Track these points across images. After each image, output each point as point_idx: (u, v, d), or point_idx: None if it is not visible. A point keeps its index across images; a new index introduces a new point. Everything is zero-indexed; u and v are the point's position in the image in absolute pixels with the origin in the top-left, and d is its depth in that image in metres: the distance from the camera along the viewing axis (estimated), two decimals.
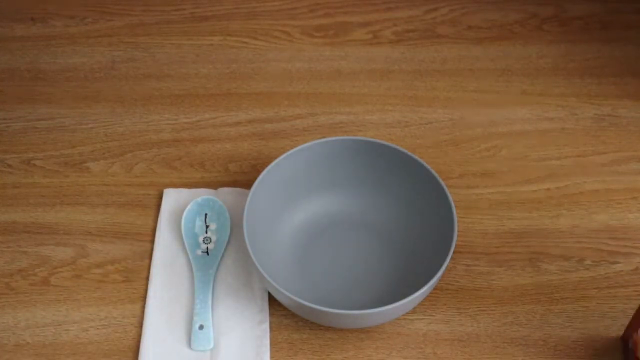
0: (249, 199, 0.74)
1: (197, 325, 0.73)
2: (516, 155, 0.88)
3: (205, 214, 0.81)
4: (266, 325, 0.74)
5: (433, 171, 0.75)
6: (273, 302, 0.76)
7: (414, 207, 0.78)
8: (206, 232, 0.80)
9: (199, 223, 0.80)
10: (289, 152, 0.77)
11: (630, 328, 0.70)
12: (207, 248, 0.79)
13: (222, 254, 0.79)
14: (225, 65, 0.97)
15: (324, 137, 0.89)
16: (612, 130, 0.90)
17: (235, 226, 0.81)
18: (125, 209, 0.83)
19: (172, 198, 0.83)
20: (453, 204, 0.72)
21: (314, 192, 0.81)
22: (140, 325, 0.75)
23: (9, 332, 0.74)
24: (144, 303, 0.76)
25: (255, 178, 0.75)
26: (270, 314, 0.75)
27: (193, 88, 0.95)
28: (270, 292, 0.72)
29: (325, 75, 0.96)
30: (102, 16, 1.03)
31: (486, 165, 0.87)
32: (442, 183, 0.74)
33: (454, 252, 0.72)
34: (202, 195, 0.83)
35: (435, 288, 0.76)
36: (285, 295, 0.68)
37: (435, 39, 1.00)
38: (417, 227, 0.78)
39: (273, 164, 0.76)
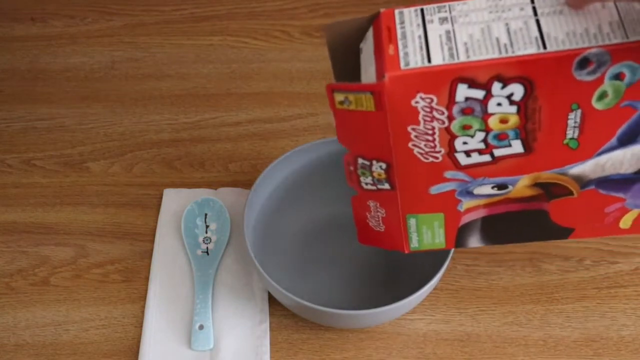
0: (248, 199, 0.74)
1: (197, 325, 0.73)
2: None
3: (205, 214, 0.81)
4: (266, 325, 0.74)
5: None
6: (273, 302, 0.76)
7: None
8: (206, 232, 0.80)
9: (199, 223, 0.80)
10: (289, 152, 0.77)
11: None
12: (207, 248, 0.79)
13: (222, 254, 0.79)
14: (225, 65, 0.97)
15: (324, 137, 0.89)
16: None
17: (235, 226, 0.81)
18: (125, 209, 0.83)
19: (172, 198, 0.83)
20: None
21: (313, 192, 0.81)
22: (140, 325, 0.75)
23: (9, 332, 0.74)
24: (144, 303, 0.76)
25: (255, 178, 0.75)
26: (270, 314, 0.75)
27: (193, 88, 0.95)
28: (270, 292, 0.72)
29: (326, 76, 0.96)
30: (102, 16, 1.03)
31: None
32: None
33: (454, 252, 0.72)
34: (202, 195, 0.83)
35: (435, 288, 0.76)
36: (285, 295, 0.68)
37: None
38: None
39: (273, 164, 0.76)
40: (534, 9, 0.51)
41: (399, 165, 0.57)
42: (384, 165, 0.58)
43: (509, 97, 0.51)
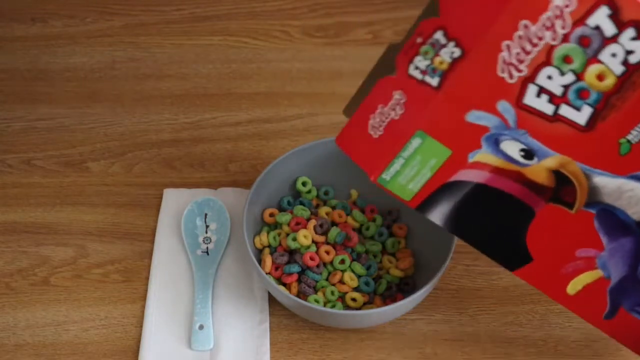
0: (248, 199, 0.74)
1: (197, 325, 0.73)
2: None
3: (205, 214, 0.81)
4: (266, 325, 0.74)
5: None
6: (273, 302, 0.76)
7: None
8: (206, 232, 0.80)
9: (199, 223, 0.80)
10: (289, 152, 0.77)
11: None
12: (207, 248, 0.79)
13: (222, 254, 0.79)
14: (225, 65, 0.97)
15: (324, 137, 0.89)
16: None
17: (235, 226, 0.81)
18: (125, 209, 0.83)
19: (172, 198, 0.83)
20: None
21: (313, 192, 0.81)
22: (140, 325, 0.75)
23: (9, 332, 0.74)
24: (144, 303, 0.76)
25: (255, 178, 0.75)
26: (270, 314, 0.75)
27: (193, 88, 0.95)
28: (270, 292, 0.72)
29: (325, 75, 0.96)
30: (102, 16, 1.03)
31: None
32: None
33: (454, 252, 0.72)
34: (202, 195, 0.83)
35: (435, 288, 0.76)
36: (285, 295, 0.68)
37: None
38: (418, 226, 0.78)
39: (273, 164, 0.76)
40: None
41: (471, 62, 0.53)
42: (457, 53, 0.53)
43: (628, 52, 0.48)
